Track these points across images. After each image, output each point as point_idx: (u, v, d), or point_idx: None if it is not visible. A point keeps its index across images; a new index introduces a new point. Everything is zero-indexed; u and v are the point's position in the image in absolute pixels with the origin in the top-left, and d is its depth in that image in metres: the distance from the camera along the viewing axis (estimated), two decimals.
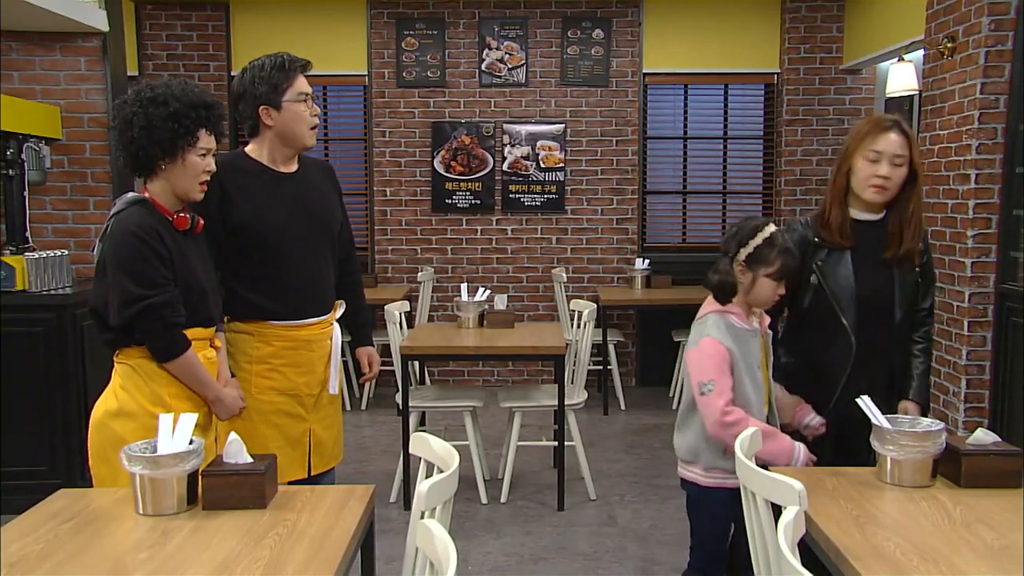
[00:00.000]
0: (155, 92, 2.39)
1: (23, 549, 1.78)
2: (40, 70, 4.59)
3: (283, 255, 2.72)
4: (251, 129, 2.75)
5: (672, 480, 4.65)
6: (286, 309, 2.74)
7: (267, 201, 2.71)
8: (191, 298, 2.43)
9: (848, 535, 1.78)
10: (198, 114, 2.39)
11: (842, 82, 6.50)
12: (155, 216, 2.40)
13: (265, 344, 2.74)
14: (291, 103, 2.69)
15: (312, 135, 2.78)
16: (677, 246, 6.88)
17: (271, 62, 2.69)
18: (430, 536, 1.54)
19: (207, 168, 2.43)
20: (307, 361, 2.79)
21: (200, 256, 2.53)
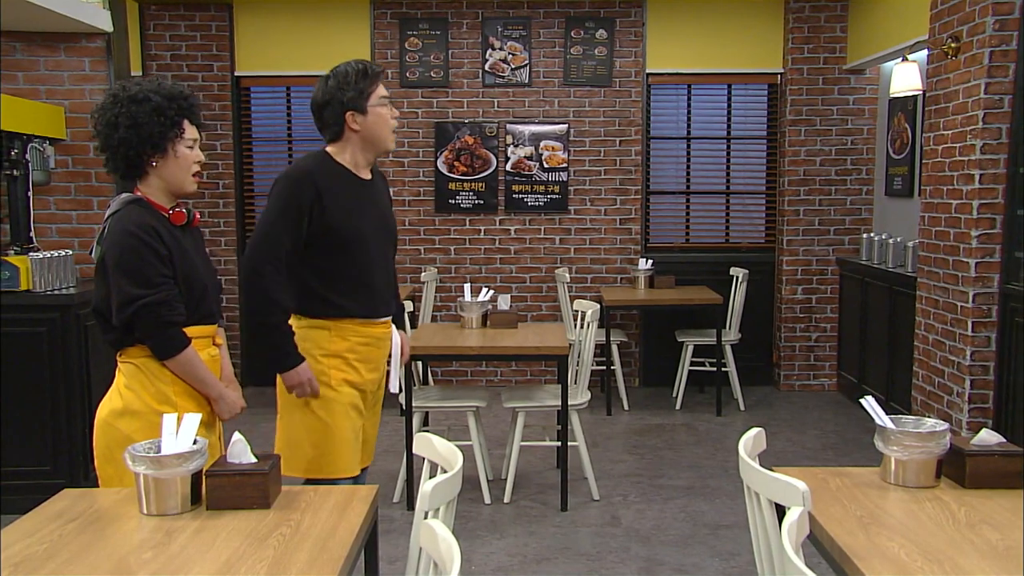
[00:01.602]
0: (132, 91, 2.41)
1: (27, 549, 1.79)
2: (44, 70, 4.60)
3: (365, 258, 2.82)
4: (334, 135, 2.83)
5: (675, 480, 4.65)
6: (364, 308, 2.84)
7: (354, 206, 2.80)
8: (192, 294, 2.43)
9: (852, 536, 1.78)
10: (179, 105, 2.42)
11: (846, 82, 6.49)
12: (151, 214, 2.41)
13: (341, 339, 2.81)
14: (375, 107, 2.80)
15: (394, 138, 2.90)
16: (680, 246, 6.87)
17: (354, 69, 2.79)
18: (434, 536, 1.54)
19: (197, 159, 2.47)
20: (375, 358, 2.90)
21: (200, 251, 2.54)
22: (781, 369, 6.70)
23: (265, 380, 6.70)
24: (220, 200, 6.63)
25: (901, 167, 5.95)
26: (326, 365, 2.80)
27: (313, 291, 2.79)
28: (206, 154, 6.50)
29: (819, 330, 6.66)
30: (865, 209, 6.56)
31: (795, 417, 5.97)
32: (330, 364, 2.81)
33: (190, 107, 2.45)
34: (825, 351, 6.66)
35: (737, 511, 4.17)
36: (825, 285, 6.64)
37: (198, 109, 2.49)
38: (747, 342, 6.40)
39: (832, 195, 6.57)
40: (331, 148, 2.85)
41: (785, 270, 6.63)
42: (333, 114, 2.79)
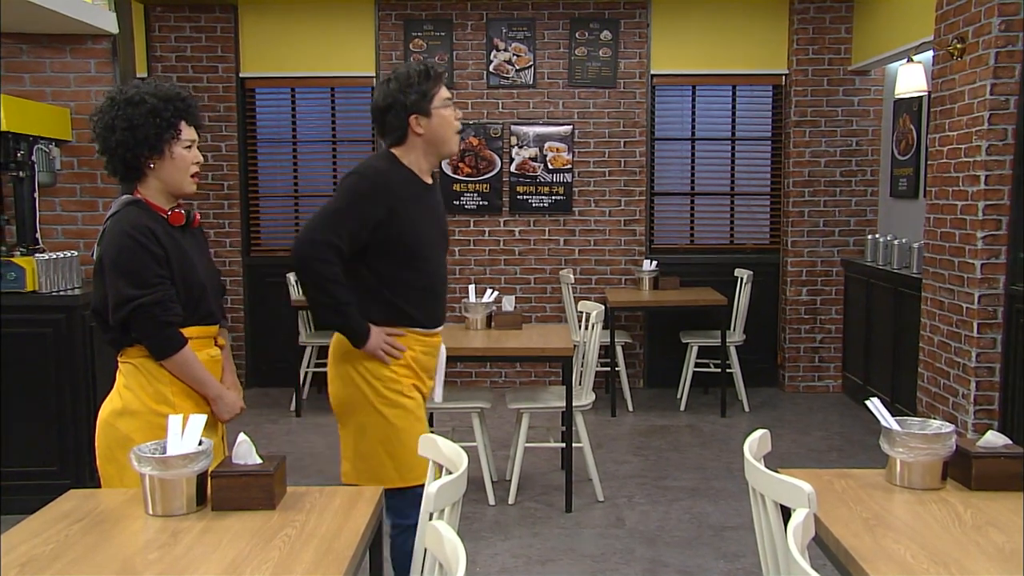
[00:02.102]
0: (128, 94, 2.41)
1: (34, 549, 1.79)
2: (50, 72, 4.61)
3: (430, 266, 2.78)
4: (396, 139, 2.76)
5: (679, 481, 4.65)
6: (429, 317, 2.80)
7: (421, 212, 2.74)
8: (191, 295, 2.43)
9: (857, 537, 1.78)
10: (175, 106, 2.41)
11: (851, 83, 6.48)
12: (150, 215, 2.41)
13: (409, 349, 2.76)
14: (439, 109, 2.73)
15: (458, 140, 2.84)
16: (685, 247, 6.87)
17: (416, 70, 2.72)
18: (439, 537, 1.54)
19: (195, 160, 2.46)
20: (432, 367, 2.88)
21: (200, 251, 2.54)
22: (786, 370, 6.69)
23: (269, 381, 6.73)
24: (225, 201, 6.64)
25: (906, 168, 5.94)
26: (398, 374, 2.74)
27: (385, 300, 2.72)
28: (211, 155, 6.60)
29: (824, 331, 6.65)
30: (870, 210, 6.55)
31: (800, 418, 5.96)
32: (401, 373, 2.75)
33: (186, 108, 2.45)
34: (830, 352, 6.65)
35: (742, 512, 4.17)
36: (830, 286, 6.63)
37: (196, 110, 2.49)
38: (752, 343, 6.39)
39: (837, 196, 6.56)
40: (397, 151, 2.77)
41: (790, 271, 6.63)
42: (396, 118, 2.71)
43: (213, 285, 2.55)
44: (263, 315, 6.75)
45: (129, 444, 2.38)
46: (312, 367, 6.27)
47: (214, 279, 2.58)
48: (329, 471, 4.84)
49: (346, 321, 2.68)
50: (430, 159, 2.79)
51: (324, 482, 4.55)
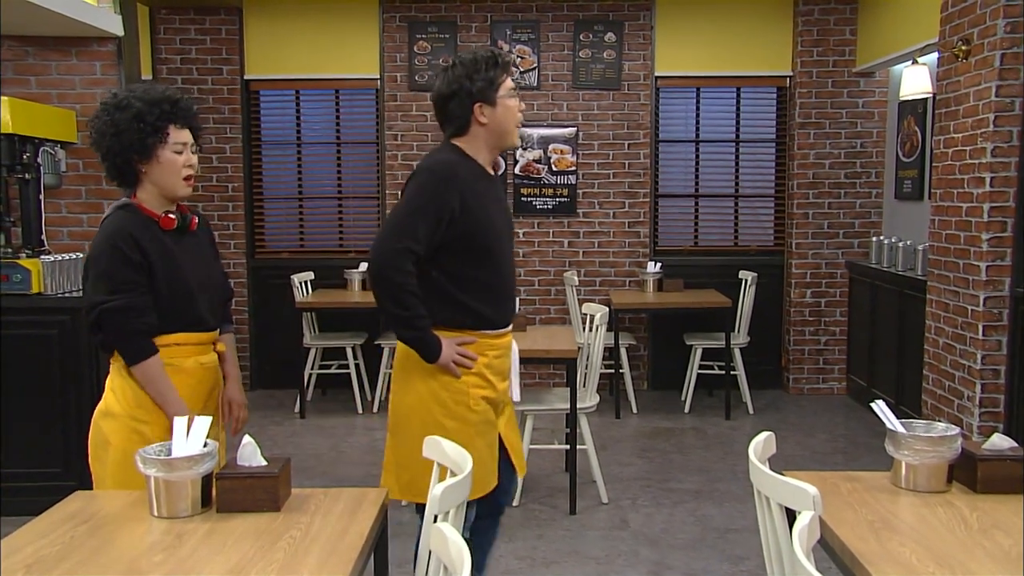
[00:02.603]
0: (118, 98, 2.40)
1: (40, 551, 1.80)
2: (56, 74, 4.62)
3: (501, 263, 2.66)
4: (458, 129, 2.62)
5: (684, 484, 4.64)
6: (500, 316, 2.68)
7: (488, 205, 2.61)
8: (177, 301, 2.40)
9: (863, 540, 1.77)
10: (162, 110, 2.38)
11: (855, 85, 6.47)
12: (138, 219, 2.39)
13: (480, 355, 2.63)
14: (505, 99, 2.60)
15: (518, 133, 2.70)
16: (689, 249, 6.86)
17: (483, 56, 2.58)
18: (443, 540, 1.54)
19: (187, 163, 2.43)
20: (505, 368, 2.75)
21: (199, 256, 2.50)
22: (790, 372, 6.68)
23: (275, 383, 6.74)
24: (229, 203, 6.65)
25: (911, 170, 5.93)
26: (466, 384, 2.61)
27: (456, 301, 2.60)
28: (215, 157, 6.61)
29: (828, 333, 6.64)
30: (875, 212, 6.55)
31: (804, 421, 5.95)
32: (470, 383, 2.62)
33: (175, 111, 2.40)
34: (834, 354, 6.64)
35: (746, 515, 4.16)
36: (834, 288, 6.62)
37: (188, 112, 2.44)
38: (756, 345, 6.38)
39: (841, 198, 6.55)
40: (459, 143, 2.64)
41: (794, 273, 6.62)
42: (460, 106, 2.57)
43: (211, 290, 2.51)
44: (267, 317, 6.76)
45: (107, 446, 2.39)
46: (316, 369, 6.28)
47: (214, 284, 2.54)
48: (333, 473, 4.85)
49: (421, 335, 2.56)
50: (491, 151, 2.67)
51: (328, 484, 4.55)
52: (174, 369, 2.40)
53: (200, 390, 2.47)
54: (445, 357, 2.57)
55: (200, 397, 2.47)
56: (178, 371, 2.41)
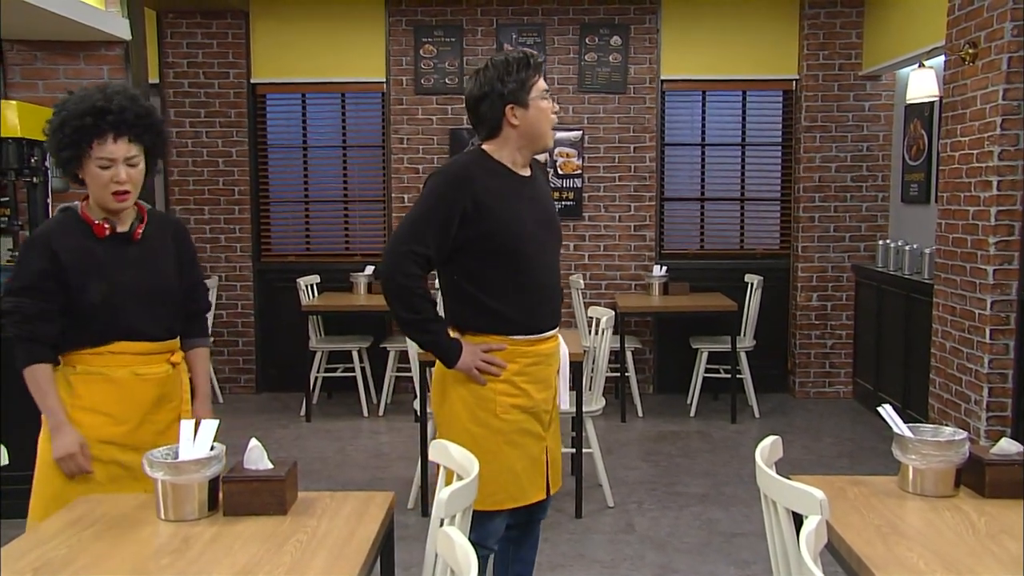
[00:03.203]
0: (59, 103, 2.32)
1: (46, 554, 1.80)
2: (64, 78, 4.64)
3: (531, 264, 2.59)
4: (490, 131, 2.60)
5: (690, 488, 4.63)
6: (532, 321, 2.61)
7: (515, 207, 2.57)
8: (99, 310, 2.32)
9: (870, 545, 1.77)
10: (83, 123, 2.24)
11: (861, 88, 6.47)
12: (72, 224, 2.35)
13: (511, 361, 2.58)
14: (537, 100, 2.57)
15: (552, 135, 2.67)
16: (695, 253, 6.86)
17: (515, 58, 2.56)
18: (450, 543, 1.54)
19: (114, 178, 2.28)
20: (546, 376, 2.67)
21: (140, 265, 2.39)
22: (796, 376, 6.67)
23: (280, 386, 6.75)
24: (235, 206, 6.67)
25: (917, 173, 5.92)
26: (494, 391, 2.57)
27: (480, 304, 2.57)
28: (221, 161, 6.63)
29: (834, 337, 6.62)
30: (881, 215, 6.53)
31: (810, 425, 5.94)
32: (498, 390, 2.57)
33: (101, 125, 2.25)
34: (840, 358, 6.63)
35: (752, 519, 4.15)
36: (840, 292, 6.61)
37: (125, 124, 2.27)
38: (762, 349, 6.37)
39: (848, 201, 6.54)
40: (488, 146, 2.61)
41: (800, 277, 6.61)
42: (491, 108, 2.55)
43: (155, 301, 2.40)
44: (273, 320, 6.77)
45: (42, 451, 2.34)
46: (322, 372, 6.28)
47: (163, 294, 2.42)
48: (339, 476, 4.85)
49: (434, 338, 2.55)
50: (524, 153, 2.63)
51: (334, 487, 4.56)
52: (103, 378, 2.33)
53: (137, 401, 2.37)
54: (465, 363, 2.54)
55: (137, 408, 2.36)
56: (107, 380, 2.33)
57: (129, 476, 2.34)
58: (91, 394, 2.33)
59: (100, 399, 2.33)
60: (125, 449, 2.34)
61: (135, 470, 2.32)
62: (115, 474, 2.33)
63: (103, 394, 2.33)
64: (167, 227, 2.51)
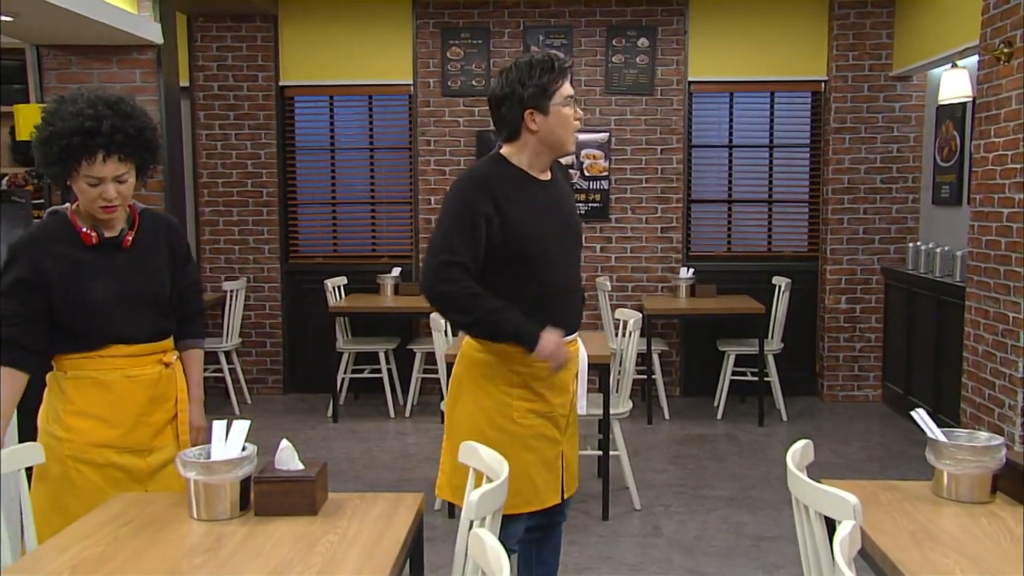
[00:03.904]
0: (49, 109, 2.27)
1: (84, 551, 1.83)
2: (97, 82, 4.71)
3: (549, 269, 2.57)
4: (509, 134, 2.57)
5: (717, 491, 4.61)
6: (551, 327, 2.56)
7: (534, 212, 2.54)
8: (88, 315, 2.31)
9: (904, 551, 1.75)
10: (70, 142, 2.20)
11: (891, 89, 6.40)
12: (60, 229, 2.33)
13: (524, 366, 2.55)
14: (559, 107, 2.53)
15: (575, 140, 2.63)
16: (722, 255, 6.82)
17: (539, 61, 2.51)
18: (482, 545, 1.55)
19: (102, 195, 2.26)
20: (563, 380, 2.64)
21: (129, 271, 2.38)
22: (824, 379, 6.61)
23: (307, 387, 6.79)
24: (264, 208, 6.72)
25: (949, 175, 5.85)
26: (512, 396, 2.56)
27: None
28: (250, 163, 6.68)
29: (863, 340, 6.56)
30: (911, 218, 6.46)
31: (839, 428, 5.89)
32: (515, 395, 2.57)
33: (89, 145, 2.21)
34: (870, 361, 6.56)
35: (781, 523, 4.12)
36: (870, 295, 6.54)
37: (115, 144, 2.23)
38: (790, 352, 6.32)
39: (877, 204, 6.48)
40: (506, 149, 2.59)
41: (829, 279, 6.55)
42: (511, 111, 2.52)
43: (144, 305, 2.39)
44: (301, 321, 6.81)
45: None
46: (349, 373, 6.31)
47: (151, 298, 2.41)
48: (366, 477, 4.87)
49: (504, 327, 2.48)
50: (542, 158, 2.59)
51: (361, 488, 4.58)
52: (94, 382, 2.33)
53: (130, 403, 2.36)
54: (547, 349, 2.49)
55: (131, 410, 2.36)
56: (98, 383, 2.33)
57: (128, 478, 2.34)
58: (83, 398, 2.32)
59: (92, 403, 2.33)
60: (121, 452, 2.34)
61: (134, 472, 2.35)
62: (114, 477, 2.33)
63: (95, 397, 2.33)
64: (160, 227, 2.48)
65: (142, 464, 2.37)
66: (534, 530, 2.79)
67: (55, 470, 2.30)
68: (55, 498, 2.31)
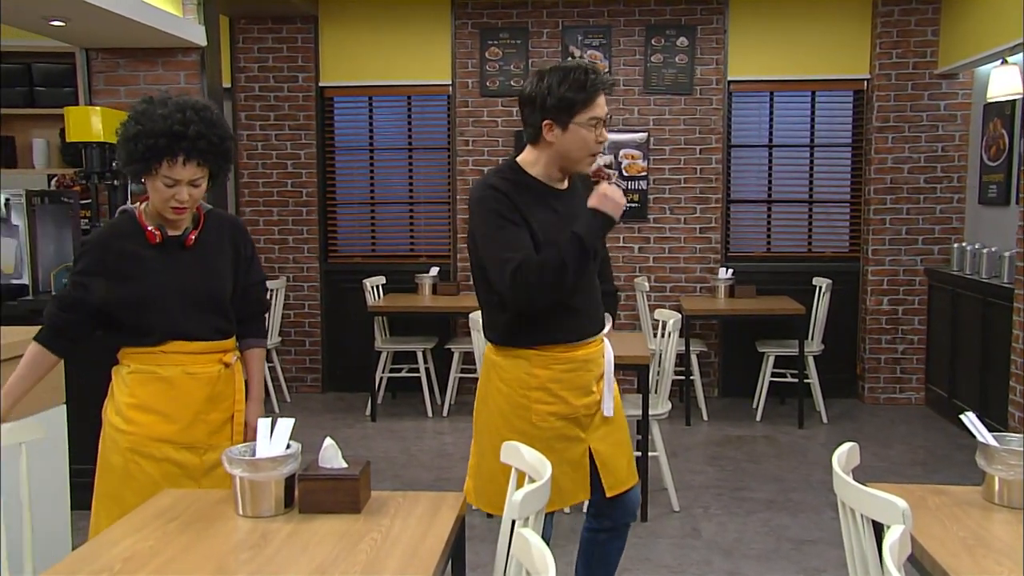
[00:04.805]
0: (134, 109, 2.33)
1: (135, 545, 1.86)
2: (144, 84, 4.79)
3: None
4: (531, 137, 2.54)
5: (757, 493, 4.57)
6: (569, 333, 2.57)
7: (547, 219, 2.51)
8: (149, 311, 2.37)
9: (956, 557, 1.72)
10: (156, 143, 2.27)
11: (937, 87, 6.30)
12: (128, 228, 2.41)
13: (543, 368, 2.55)
14: (579, 126, 2.46)
15: (590, 162, 2.54)
16: (761, 255, 6.76)
17: (574, 75, 2.43)
18: (527, 545, 1.55)
19: (175, 196, 2.33)
20: (585, 382, 2.62)
21: (192, 270, 2.43)
22: (866, 382, 6.52)
23: (347, 386, 6.84)
24: (303, 208, 6.78)
25: (996, 174, 5.74)
26: (529, 399, 2.55)
27: (514, 319, 2.53)
28: (290, 163, 6.75)
29: (906, 342, 6.46)
30: (956, 218, 6.35)
31: (880, 431, 5.80)
32: (533, 398, 2.55)
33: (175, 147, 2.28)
34: (912, 364, 6.46)
35: (822, 526, 4.07)
36: (913, 296, 6.44)
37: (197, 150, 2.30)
38: (830, 353, 6.25)
39: (921, 203, 6.38)
40: (525, 154, 2.57)
41: (870, 280, 6.46)
42: (531, 116, 2.49)
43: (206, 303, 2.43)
44: (340, 320, 6.87)
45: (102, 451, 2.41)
46: (387, 372, 6.35)
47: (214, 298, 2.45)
48: (405, 476, 4.90)
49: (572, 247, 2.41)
50: (555, 170, 2.56)
51: (399, 487, 4.61)
52: (154, 376, 2.37)
53: (188, 400, 2.40)
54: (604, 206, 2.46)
55: (188, 407, 2.40)
56: (159, 378, 2.38)
57: (183, 474, 2.38)
58: (144, 392, 2.38)
59: (152, 397, 2.38)
60: (178, 448, 2.38)
61: (189, 468, 2.39)
62: (170, 472, 2.37)
63: (155, 392, 2.38)
64: (225, 228, 2.53)
65: (197, 461, 2.41)
66: (601, 531, 2.80)
67: (115, 462, 2.36)
68: (114, 489, 2.36)
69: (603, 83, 2.47)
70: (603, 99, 2.48)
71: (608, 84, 2.49)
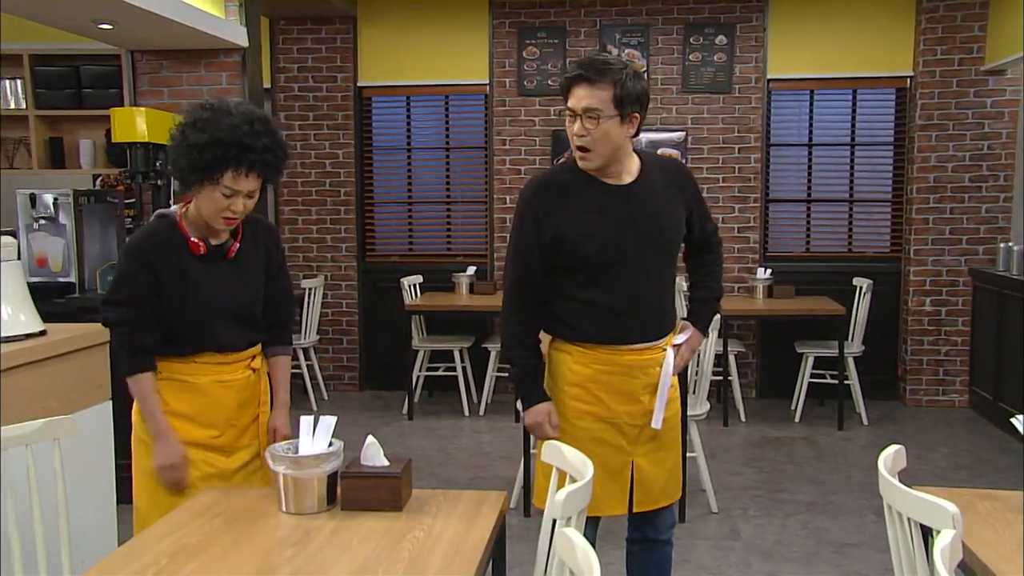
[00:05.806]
0: (197, 115, 2.29)
1: (180, 540, 1.89)
2: (186, 85, 4.86)
3: (607, 274, 2.48)
4: None
5: (796, 495, 4.52)
6: (605, 333, 2.50)
7: (589, 217, 2.46)
8: (192, 324, 2.36)
9: (1008, 562, 1.69)
10: (225, 154, 2.23)
11: (983, 84, 6.18)
12: (168, 235, 2.36)
13: (583, 367, 2.52)
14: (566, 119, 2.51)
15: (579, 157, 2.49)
16: (800, 255, 6.68)
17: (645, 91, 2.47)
18: (570, 546, 1.55)
19: (231, 207, 2.29)
20: (630, 389, 2.53)
21: (230, 281, 2.41)
22: (907, 383, 6.42)
23: (384, 384, 6.88)
24: (341, 207, 6.83)
25: None
26: (565, 395, 2.54)
27: (552, 314, 2.55)
28: (328, 163, 6.81)
29: (949, 343, 6.35)
30: (1003, 217, 6.23)
31: (922, 434, 5.71)
32: (570, 394, 2.54)
33: (240, 158, 2.24)
34: (956, 366, 6.35)
35: (863, 529, 4.02)
36: (956, 297, 6.33)
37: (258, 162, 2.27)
38: (871, 355, 6.16)
39: (965, 203, 6.27)
40: None
41: (912, 280, 6.36)
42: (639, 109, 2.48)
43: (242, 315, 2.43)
44: (377, 319, 6.91)
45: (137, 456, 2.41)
46: (424, 371, 6.38)
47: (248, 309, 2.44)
48: (442, 474, 4.92)
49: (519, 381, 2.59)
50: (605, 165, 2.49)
51: (436, 485, 4.62)
52: (187, 386, 2.38)
53: (220, 407, 2.41)
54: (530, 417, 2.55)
55: (220, 413, 2.41)
56: (190, 388, 2.38)
57: (219, 478, 2.39)
58: (176, 399, 2.37)
59: (185, 404, 2.37)
60: (210, 450, 2.39)
61: (220, 468, 2.40)
62: (204, 473, 2.38)
63: (187, 400, 2.38)
64: (259, 234, 2.51)
65: (226, 462, 2.43)
66: (634, 542, 2.80)
67: (150, 466, 2.37)
68: (151, 493, 2.38)
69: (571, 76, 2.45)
70: (582, 91, 2.42)
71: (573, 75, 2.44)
